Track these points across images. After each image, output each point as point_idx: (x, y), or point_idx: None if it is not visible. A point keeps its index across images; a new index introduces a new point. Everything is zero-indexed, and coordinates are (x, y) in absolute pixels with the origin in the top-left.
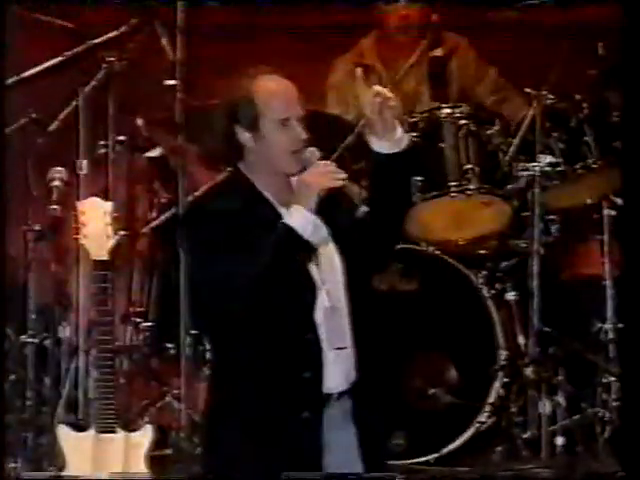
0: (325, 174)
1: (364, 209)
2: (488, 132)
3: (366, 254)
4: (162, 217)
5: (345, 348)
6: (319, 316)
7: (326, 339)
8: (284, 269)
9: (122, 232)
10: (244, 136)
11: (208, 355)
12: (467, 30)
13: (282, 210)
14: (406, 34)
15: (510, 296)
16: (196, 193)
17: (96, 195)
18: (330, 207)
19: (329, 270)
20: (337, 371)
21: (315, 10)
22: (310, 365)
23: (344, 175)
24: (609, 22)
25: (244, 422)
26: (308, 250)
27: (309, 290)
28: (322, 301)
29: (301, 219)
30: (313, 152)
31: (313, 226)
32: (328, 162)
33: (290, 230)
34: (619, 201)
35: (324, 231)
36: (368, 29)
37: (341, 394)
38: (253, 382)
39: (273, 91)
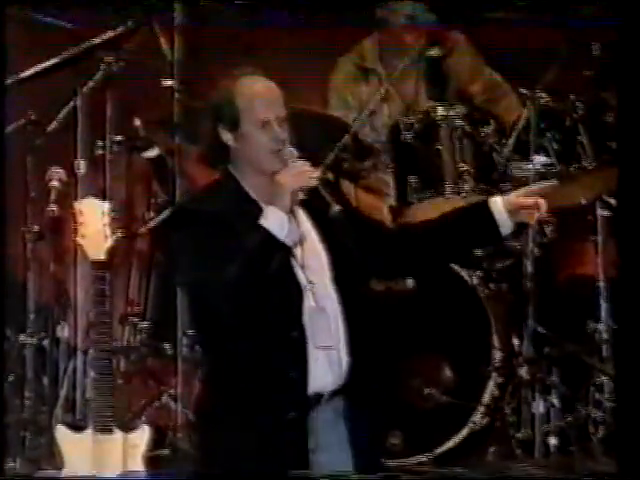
0: (299, 174)
1: (337, 208)
2: (483, 133)
3: (354, 254)
4: (159, 217)
5: (331, 347)
6: (304, 315)
7: (311, 338)
8: (262, 270)
9: (120, 232)
10: (227, 136)
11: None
12: (463, 28)
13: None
14: (411, 33)
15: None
16: (186, 195)
17: (94, 195)
18: (311, 207)
19: (315, 269)
20: (325, 370)
21: (316, 10)
22: (296, 364)
23: (318, 174)
24: (604, 23)
25: (233, 421)
26: (284, 250)
27: (293, 290)
28: (307, 300)
29: (275, 220)
30: (291, 152)
31: (288, 226)
32: (303, 162)
33: (265, 231)
34: (614, 202)
35: (300, 231)
36: (370, 29)
37: (333, 394)
38: (240, 382)
39: (254, 93)
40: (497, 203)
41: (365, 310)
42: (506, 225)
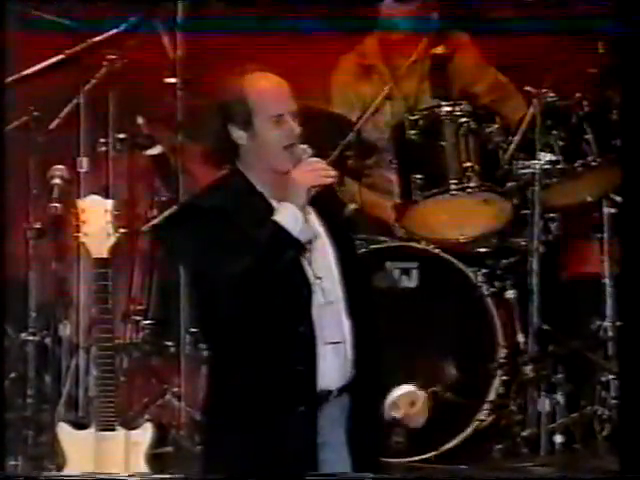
0: (314, 171)
1: (353, 207)
2: (488, 130)
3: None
4: (163, 215)
5: (339, 343)
6: (312, 311)
7: (319, 334)
8: (274, 266)
9: (122, 230)
10: (238, 134)
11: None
12: (468, 28)
13: (278, 207)
14: (415, 32)
15: (510, 294)
16: (193, 191)
17: (96, 193)
18: (321, 204)
19: (323, 265)
20: (333, 367)
21: (317, 8)
22: (303, 359)
23: (334, 172)
24: (609, 20)
25: (239, 417)
26: (297, 247)
27: (302, 285)
28: (316, 296)
29: (290, 216)
30: (305, 149)
31: (302, 223)
32: (318, 159)
33: (279, 227)
34: (619, 199)
35: (313, 228)
36: (370, 28)
37: (340, 391)
38: (247, 377)
39: (265, 89)
40: None
41: (370, 307)
42: None
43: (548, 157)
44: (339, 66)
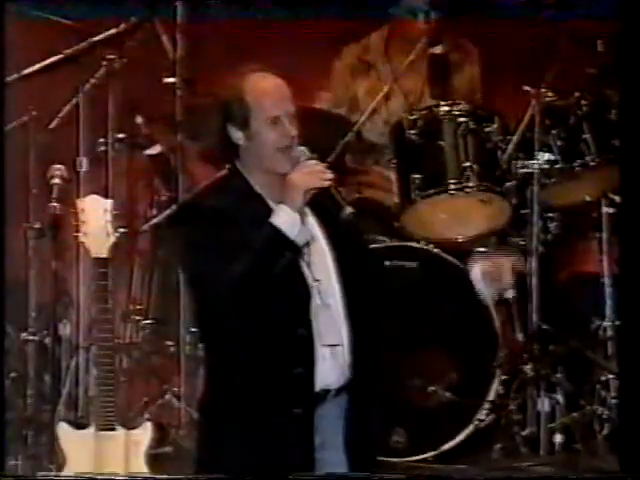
0: (312, 174)
1: (349, 210)
2: (487, 130)
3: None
4: (162, 215)
5: (338, 345)
6: (311, 313)
7: (317, 336)
8: (270, 268)
9: (122, 229)
10: (236, 134)
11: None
12: (465, 28)
13: (275, 209)
14: (419, 31)
15: (509, 294)
16: (192, 191)
17: (96, 193)
18: (319, 206)
19: (321, 267)
20: (332, 368)
21: (317, 6)
22: (302, 361)
23: (331, 175)
24: (607, 20)
25: (237, 418)
26: (294, 249)
27: (301, 287)
28: (314, 298)
29: (287, 219)
30: (302, 151)
31: (299, 226)
32: (316, 161)
33: (276, 230)
34: (617, 199)
35: (310, 231)
36: (377, 23)
37: (338, 391)
38: (245, 378)
39: (263, 90)
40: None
41: (369, 307)
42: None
43: (547, 157)
44: (341, 55)
